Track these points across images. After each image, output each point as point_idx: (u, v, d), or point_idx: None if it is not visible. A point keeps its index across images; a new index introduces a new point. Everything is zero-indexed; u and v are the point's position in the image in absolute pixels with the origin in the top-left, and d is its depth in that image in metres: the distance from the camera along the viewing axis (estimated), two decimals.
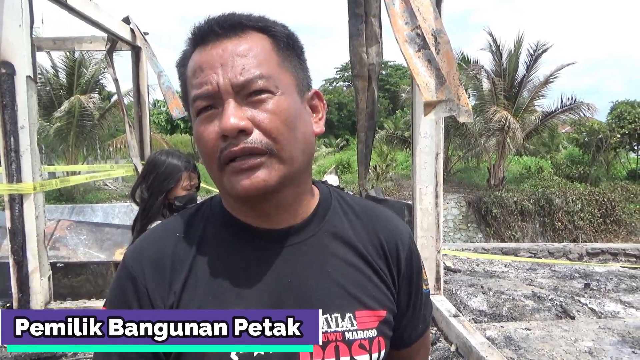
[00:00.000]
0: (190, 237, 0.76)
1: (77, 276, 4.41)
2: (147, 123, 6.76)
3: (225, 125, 0.65)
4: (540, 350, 3.88)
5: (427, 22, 3.45)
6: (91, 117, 16.08)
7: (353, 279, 0.76)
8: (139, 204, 2.06)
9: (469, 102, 3.42)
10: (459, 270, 6.87)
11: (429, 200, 4.27)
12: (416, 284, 0.85)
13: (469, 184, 17.24)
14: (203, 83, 0.68)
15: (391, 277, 0.81)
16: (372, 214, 0.84)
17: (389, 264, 0.81)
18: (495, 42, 15.09)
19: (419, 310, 0.88)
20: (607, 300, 5.48)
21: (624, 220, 13.73)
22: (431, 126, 4.18)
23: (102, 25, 5.42)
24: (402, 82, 30.21)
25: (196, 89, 0.68)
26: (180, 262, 0.73)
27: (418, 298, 0.86)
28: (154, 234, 0.80)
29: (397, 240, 0.82)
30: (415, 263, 0.85)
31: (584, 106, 15.14)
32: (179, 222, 0.79)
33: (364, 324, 0.75)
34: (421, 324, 0.90)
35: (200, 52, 0.70)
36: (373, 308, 0.76)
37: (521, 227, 13.85)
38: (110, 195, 16.17)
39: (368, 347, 0.74)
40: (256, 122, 0.66)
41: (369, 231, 0.81)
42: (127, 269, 0.74)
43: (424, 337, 0.92)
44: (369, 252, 0.79)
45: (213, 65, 0.68)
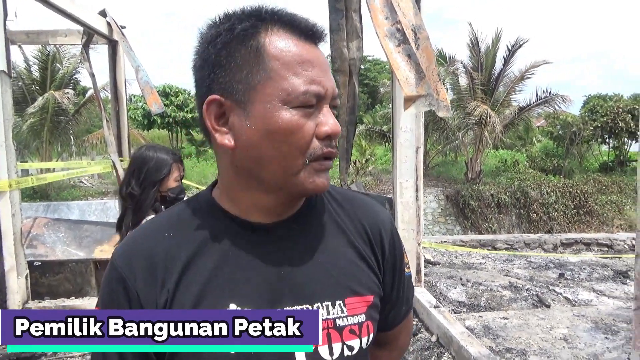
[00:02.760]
0: (182, 233, 0.75)
1: (56, 275, 4.33)
2: (125, 118, 6.65)
3: (336, 128, 0.71)
4: (517, 338, 3.99)
5: (407, 17, 3.49)
6: (66, 112, 15.75)
7: (342, 267, 0.79)
8: (128, 201, 2.05)
9: (447, 97, 3.48)
10: (438, 262, 6.99)
11: (409, 194, 4.32)
12: (399, 268, 0.89)
13: (447, 177, 17.48)
14: (316, 81, 0.70)
15: (376, 262, 0.84)
16: (355, 202, 0.88)
17: (374, 250, 0.84)
18: (474, 37, 15.29)
19: (402, 292, 0.91)
20: (580, 289, 5.65)
21: (596, 211, 14.11)
22: (411, 120, 4.23)
23: (77, 19, 5.30)
24: (380, 76, 30.35)
25: (308, 84, 0.69)
26: (174, 259, 0.72)
27: (401, 281, 0.90)
28: (143, 231, 0.79)
29: (380, 227, 0.86)
30: (397, 247, 0.88)
31: (559, 98, 15.49)
32: (168, 219, 0.79)
33: (354, 310, 0.77)
34: (404, 306, 0.94)
35: (305, 47, 0.71)
36: (362, 294, 0.79)
37: (498, 219, 14.13)
38: (87, 192, 15.87)
39: (358, 331, 0.77)
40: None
41: (353, 219, 0.84)
42: (116, 270, 0.73)
43: (406, 319, 0.97)
44: (355, 239, 0.82)
45: (322, 67, 0.72)
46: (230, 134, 0.71)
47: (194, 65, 0.76)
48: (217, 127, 0.72)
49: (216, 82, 0.71)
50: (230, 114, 0.71)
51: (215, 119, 0.72)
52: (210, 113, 0.72)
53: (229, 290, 0.72)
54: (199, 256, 0.73)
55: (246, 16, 0.71)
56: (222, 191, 0.79)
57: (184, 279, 0.72)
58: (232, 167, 0.75)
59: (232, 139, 0.71)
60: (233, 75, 0.70)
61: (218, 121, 0.72)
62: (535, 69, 15.32)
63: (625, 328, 4.18)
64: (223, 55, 0.70)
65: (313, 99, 0.69)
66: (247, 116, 0.70)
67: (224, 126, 0.72)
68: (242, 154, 0.72)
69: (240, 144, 0.71)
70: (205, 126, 0.73)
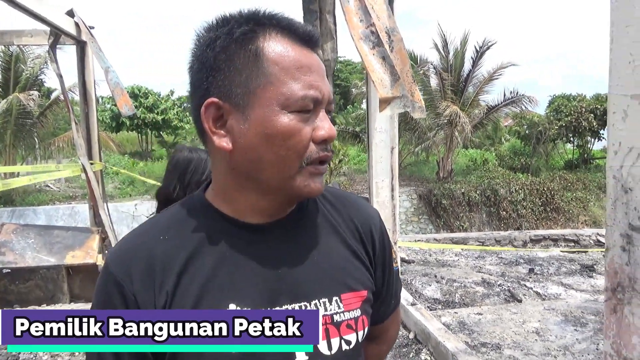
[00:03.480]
0: (179, 235, 0.75)
1: (26, 282, 4.20)
2: (95, 121, 6.50)
3: (332, 133, 0.73)
4: (492, 333, 4.10)
5: (381, 20, 3.53)
6: (30, 115, 15.25)
7: (337, 263, 0.81)
8: (164, 204, 2.00)
9: (421, 98, 3.54)
10: (413, 260, 7.09)
11: (385, 194, 4.38)
12: (389, 263, 0.92)
13: (419, 177, 17.72)
14: (314, 86, 0.71)
15: (368, 258, 0.86)
16: (344, 200, 0.90)
17: (365, 246, 0.86)
18: (443, 38, 15.55)
19: (391, 286, 0.94)
20: (549, 283, 5.83)
21: (563, 208, 14.56)
22: (386, 121, 4.29)
23: (44, 19, 5.16)
24: (352, 77, 30.52)
25: (307, 89, 0.70)
26: (172, 262, 0.73)
27: (391, 275, 0.93)
28: (138, 234, 0.78)
29: (370, 223, 0.89)
30: (387, 243, 0.91)
31: (526, 99, 15.91)
32: (163, 221, 0.79)
33: (350, 305, 0.80)
34: (393, 300, 0.97)
35: (303, 52, 0.73)
36: (356, 289, 0.81)
37: (469, 217, 14.41)
38: (53, 197, 15.40)
39: (354, 326, 0.79)
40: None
41: (345, 217, 0.87)
42: (111, 274, 0.72)
43: (395, 312, 1.00)
44: (348, 237, 0.85)
45: (319, 72, 0.73)
46: (228, 136, 0.72)
47: (190, 68, 0.76)
48: (215, 130, 0.73)
49: (214, 85, 0.72)
50: (229, 117, 0.72)
51: (212, 122, 0.72)
52: (209, 116, 0.72)
53: (228, 290, 0.72)
54: (197, 258, 0.74)
55: (244, 20, 0.72)
56: (216, 193, 0.79)
57: (182, 280, 0.72)
58: (228, 169, 0.75)
59: (230, 141, 0.72)
60: (232, 78, 0.71)
61: (215, 124, 0.73)
62: (502, 70, 15.70)
63: (593, 320, 4.34)
64: (222, 59, 0.71)
65: (311, 103, 0.71)
66: (246, 119, 0.71)
67: (221, 129, 0.73)
68: (239, 157, 0.72)
69: (238, 146, 0.72)
70: (203, 128, 0.74)
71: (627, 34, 1.36)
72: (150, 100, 20.57)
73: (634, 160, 1.39)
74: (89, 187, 6.71)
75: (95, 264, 4.42)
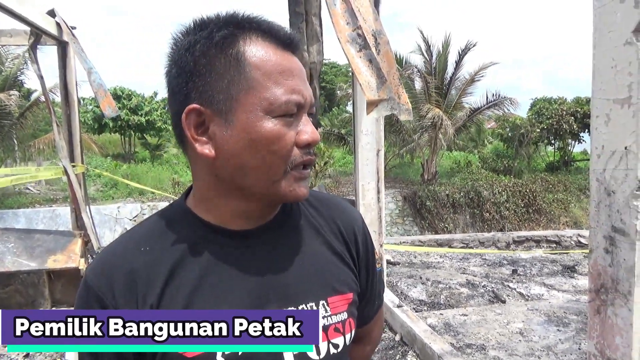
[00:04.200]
0: (160, 246, 0.74)
1: (5, 287, 4.11)
2: (77, 122, 6.39)
3: (315, 137, 0.73)
4: (477, 334, 4.13)
5: (367, 22, 3.55)
6: (10, 116, 14.96)
7: (322, 267, 0.81)
8: None
9: (408, 100, 3.56)
10: (398, 262, 7.12)
11: (371, 196, 4.39)
12: (372, 264, 0.92)
13: (404, 179, 17.84)
14: (297, 91, 0.70)
15: (352, 260, 0.86)
16: (327, 202, 0.90)
17: (349, 248, 0.86)
18: (426, 41, 15.69)
19: (375, 287, 0.94)
20: (532, 284, 5.91)
21: (544, 209, 14.80)
22: (372, 123, 4.30)
23: (24, 18, 5.06)
24: (337, 79, 30.62)
25: (289, 94, 0.70)
26: (154, 274, 0.71)
27: (374, 276, 0.93)
28: (117, 247, 0.75)
29: (354, 225, 0.89)
30: (369, 244, 0.91)
31: (508, 101, 16.14)
32: (143, 232, 0.77)
33: (336, 309, 0.79)
34: (377, 300, 0.97)
35: (284, 55, 0.72)
36: (342, 292, 0.81)
37: (453, 219, 14.55)
38: (34, 199, 15.10)
39: (342, 329, 0.79)
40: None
41: (328, 219, 0.86)
42: (91, 289, 0.70)
43: (379, 312, 1.00)
44: (331, 239, 0.84)
45: (301, 76, 0.72)
46: (211, 143, 0.71)
47: (168, 72, 0.74)
48: (197, 137, 0.71)
49: (195, 90, 0.70)
50: (210, 123, 0.70)
51: (194, 129, 0.71)
52: (190, 122, 0.70)
53: (214, 300, 0.71)
54: (180, 269, 0.72)
55: (224, 23, 0.71)
56: (198, 200, 0.78)
57: (166, 293, 0.70)
58: (211, 176, 0.74)
59: (213, 148, 0.71)
60: (213, 84, 0.69)
61: (197, 130, 0.71)
62: (484, 70, 15.91)
63: (575, 320, 4.41)
64: (202, 64, 0.69)
65: (294, 108, 0.70)
66: (228, 125, 0.69)
67: (203, 135, 0.71)
68: (222, 163, 0.71)
69: (221, 153, 0.70)
70: (184, 135, 0.72)
71: (609, 39, 1.39)
72: (134, 101, 20.33)
73: (616, 164, 1.41)
74: (70, 190, 6.60)
75: (78, 268, 4.34)
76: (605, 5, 1.38)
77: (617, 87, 1.38)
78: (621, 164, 1.38)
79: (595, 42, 1.45)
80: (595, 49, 1.46)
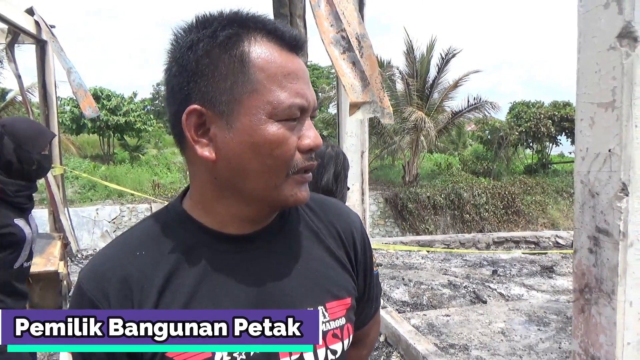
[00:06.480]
0: (156, 251, 0.72)
1: None
2: (56, 122, 6.28)
3: (318, 142, 0.71)
4: (459, 334, 4.18)
5: (352, 25, 3.56)
6: None
7: (321, 272, 0.80)
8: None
9: (390, 104, 3.59)
10: (380, 264, 7.16)
11: (355, 198, 4.40)
12: (370, 267, 0.91)
13: (385, 181, 17.93)
14: (301, 94, 0.69)
15: (350, 263, 0.85)
16: (325, 205, 0.89)
17: (347, 252, 0.85)
18: (409, 43, 15.83)
19: (372, 291, 0.94)
20: (512, 284, 6.01)
21: (523, 211, 15.05)
22: (356, 125, 4.32)
23: (1, 16, 4.95)
24: (319, 81, 30.62)
25: (293, 97, 0.68)
26: (150, 279, 0.69)
27: (372, 280, 0.93)
28: (112, 251, 0.74)
29: (352, 228, 0.87)
30: (368, 248, 0.91)
31: (488, 105, 16.38)
32: (138, 236, 0.75)
33: (335, 314, 0.78)
34: (374, 304, 0.97)
35: (289, 58, 0.70)
36: (341, 297, 0.80)
37: (434, 220, 14.68)
38: None
39: (340, 335, 0.78)
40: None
41: (325, 222, 0.85)
42: (85, 295, 0.68)
43: (376, 316, 1.00)
44: (330, 243, 0.83)
45: (305, 79, 0.71)
46: (211, 145, 0.69)
47: (167, 70, 0.71)
48: (197, 139, 0.69)
49: (196, 91, 0.68)
50: (211, 125, 0.69)
51: (194, 130, 0.69)
52: (190, 123, 0.68)
53: (211, 306, 0.70)
54: (177, 274, 0.70)
55: (228, 22, 0.69)
56: (195, 203, 0.76)
57: (163, 300, 0.69)
58: (210, 179, 0.72)
59: (213, 150, 0.69)
60: (216, 85, 0.67)
61: (197, 132, 0.69)
62: (467, 77, 16.13)
63: (555, 319, 4.50)
64: (205, 64, 0.67)
65: (298, 112, 0.69)
66: (230, 128, 0.68)
67: (203, 137, 0.69)
68: (223, 166, 0.69)
69: (222, 156, 0.69)
70: (183, 136, 0.70)
71: (594, 44, 1.42)
72: (113, 102, 20.01)
73: (600, 166, 1.44)
74: (48, 192, 6.47)
75: (57, 271, 4.25)
76: (590, 11, 1.42)
77: (601, 91, 1.41)
78: (605, 166, 1.41)
79: (580, 47, 1.49)
80: (580, 53, 1.49)
